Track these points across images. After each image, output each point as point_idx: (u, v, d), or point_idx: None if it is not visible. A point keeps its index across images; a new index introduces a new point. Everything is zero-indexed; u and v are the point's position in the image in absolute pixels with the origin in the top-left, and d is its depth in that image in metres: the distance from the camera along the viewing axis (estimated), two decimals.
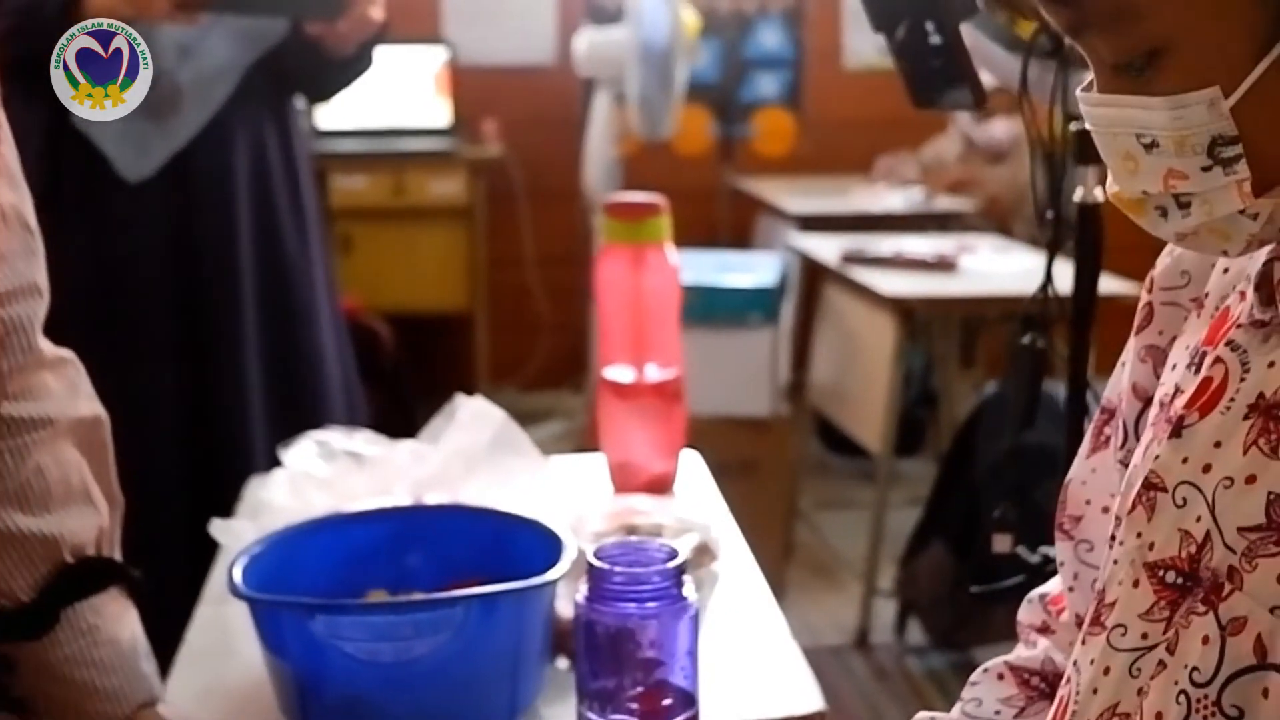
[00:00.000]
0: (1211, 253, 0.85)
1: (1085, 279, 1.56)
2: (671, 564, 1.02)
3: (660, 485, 1.78)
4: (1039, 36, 1.47)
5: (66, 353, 1.23)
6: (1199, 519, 0.81)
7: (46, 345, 1.19)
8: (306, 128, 2.44)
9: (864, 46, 5.68)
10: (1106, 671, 0.85)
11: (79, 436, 1.20)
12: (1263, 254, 0.84)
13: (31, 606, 1.14)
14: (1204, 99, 0.77)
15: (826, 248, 4.07)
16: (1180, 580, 0.81)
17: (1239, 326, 0.84)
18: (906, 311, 3.63)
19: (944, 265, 3.82)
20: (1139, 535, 0.86)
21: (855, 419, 3.93)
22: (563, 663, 1.34)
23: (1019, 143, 4.86)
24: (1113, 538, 0.90)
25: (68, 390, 1.20)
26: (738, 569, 1.58)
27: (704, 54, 5.26)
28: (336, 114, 4.97)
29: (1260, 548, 0.76)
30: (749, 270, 4.08)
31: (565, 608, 1.32)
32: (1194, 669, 0.78)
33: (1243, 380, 0.82)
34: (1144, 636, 0.83)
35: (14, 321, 1.12)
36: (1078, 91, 0.85)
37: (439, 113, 5.34)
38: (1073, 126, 1.47)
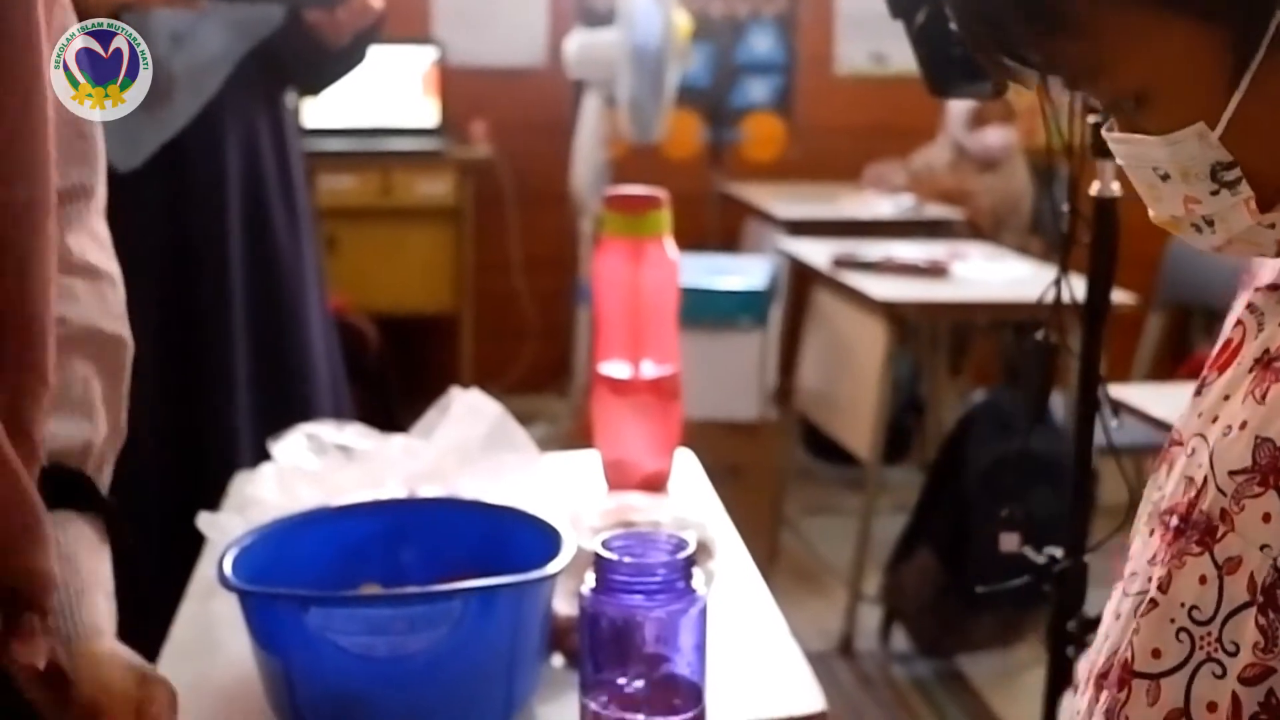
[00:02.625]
0: (1249, 257, 0.91)
1: (1100, 274, 1.54)
2: (680, 555, 0.99)
3: (655, 483, 1.75)
4: None
5: (110, 268, 1.19)
6: (1200, 465, 0.85)
7: (89, 251, 1.17)
8: (296, 124, 2.41)
9: (855, 54, 5.68)
10: (1118, 617, 0.90)
11: (93, 351, 1.16)
12: None
13: None
14: (1192, 134, 0.82)
15: (817, 252, 4.05)
16: (1179, 524, 0.86)
17: (1258, 290, 0.90)
18: (898, 316, 3.61)
19: (936, 271, 3.80)
20: (1159, 489, 0.91)
21: (844, 425, 3.91)
22: (558, 660, 1.31)
23: (1012, 151, 4.86)
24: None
25: (96, 301, 1.17)
26: (734, 568, 1.55)
27: (695, 58, 5.24)
28: (324, 112, 4.94)
29: (1246, 489, 0.80)
30: (739, 273, 4.07)
31: (562, 605, 1.30)
32: (1193, 608, 0.82)
33: (1255, 339, 0.88)
34: (1149, 580, 0.87)
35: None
36: (1103, 130, 0.91)
37: (427, 113, 5.31)
38: (1090, 119, 1.45)
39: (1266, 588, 0.78)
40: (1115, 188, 1.51)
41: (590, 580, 1.00)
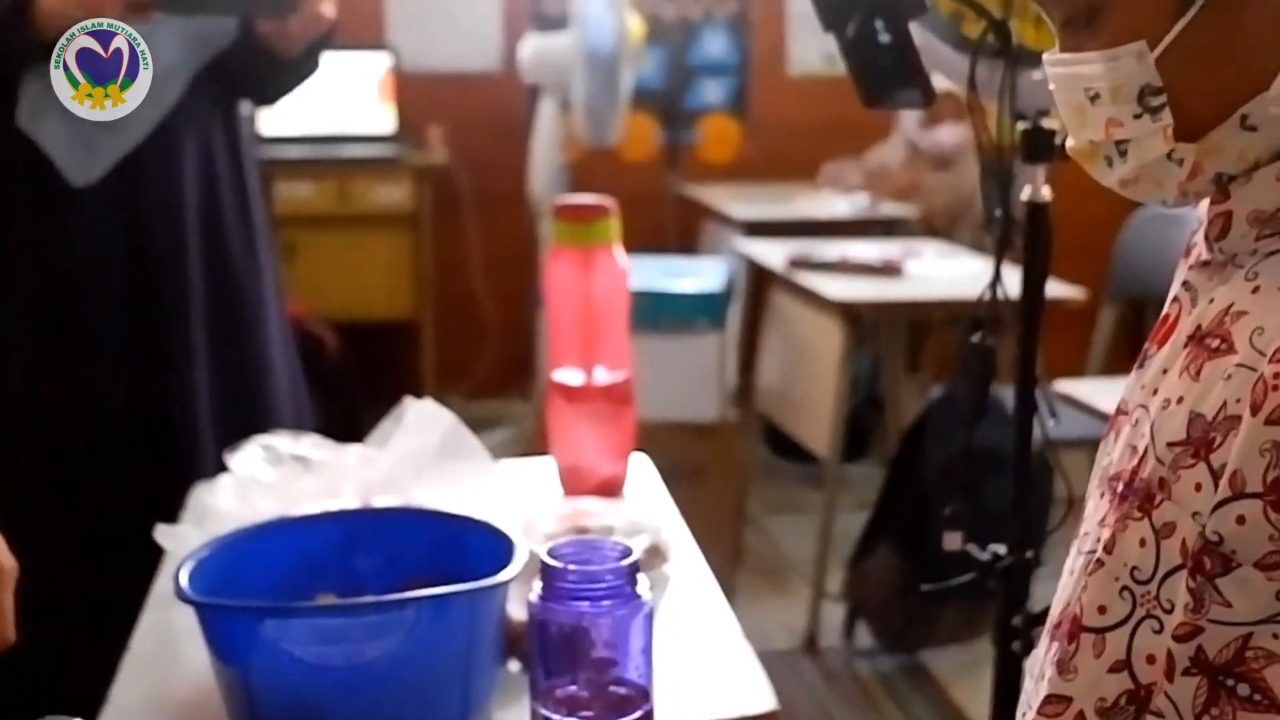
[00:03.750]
0: (1151, 200, 0.93)
1: (1034, 276, 1.57)
2: (625, 562, 1.01)
3: (610, 488, 1.77)
4: (986, 36, 1.48)
5: None
6: (1142, 436, 0.89)
7: None
8: (251, 134, 2.42)
9: (809, 53, 5.70)
10: (1071, 573, 0.94)
11: None
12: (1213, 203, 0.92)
13: None
14: (1132, 51, 0.86)
15: (773, 253, 4.07)
16: (1124, 490, 0.90)
17: (1191, 268, 0.94)
18: (854, 316, 3.64)
19: (890, 270, 3.84)
20: (1108, 455, 0.95)
21: (803, 423, 3.94)
22: (514, 665, 1.33)
23: (965, 149, 4.89)
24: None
25: None
26: (688, 571, 1.57)
27: (649, 61, 5.26)
28: (280, 120, 4.94)
29: (1182, 460, 0.85)
30: (696, 275, 4.09)
31: (516, 610, 1.32)
32: (1134, 568, 0.87)
33: (1189, 316, 0.91)
34: (1098, 541, 0.91)
35: None
36: (1044, 55, 0.93)
37: (383, 119, 5.32)
38: (1020, 126, 1.48)
39: (1194, 554, 0.82)
40: (1045, 192, 1.55)
41: (538, 587, 1.02)
